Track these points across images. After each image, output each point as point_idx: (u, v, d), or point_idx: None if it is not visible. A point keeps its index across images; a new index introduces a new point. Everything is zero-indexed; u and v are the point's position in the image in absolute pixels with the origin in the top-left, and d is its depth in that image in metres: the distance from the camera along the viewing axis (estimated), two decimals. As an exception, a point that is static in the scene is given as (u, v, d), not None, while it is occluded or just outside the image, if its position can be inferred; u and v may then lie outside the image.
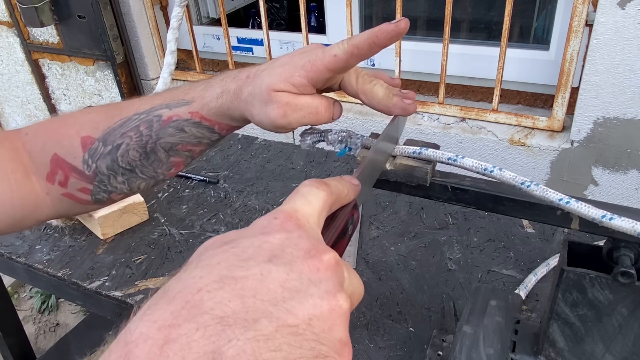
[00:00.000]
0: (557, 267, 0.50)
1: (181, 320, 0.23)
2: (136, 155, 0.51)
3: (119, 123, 0.51)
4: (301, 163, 1.18)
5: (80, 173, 0.51)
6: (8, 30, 1.89)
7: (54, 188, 0.51)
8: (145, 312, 0.24)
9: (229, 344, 0.22)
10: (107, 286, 0.86)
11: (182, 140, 0.52)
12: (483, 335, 0.58)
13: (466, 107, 1.32)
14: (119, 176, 0.52)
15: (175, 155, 0.53)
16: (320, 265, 0.27)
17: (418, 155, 0.51)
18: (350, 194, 0.37)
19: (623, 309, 0.47)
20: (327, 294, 0.26)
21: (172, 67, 1.52)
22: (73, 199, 0.52)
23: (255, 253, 0.27)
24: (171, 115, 0.51)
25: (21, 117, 2.17)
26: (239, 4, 2.04)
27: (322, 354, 0.25)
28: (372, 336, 0.74)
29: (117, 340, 0.23)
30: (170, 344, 0.22)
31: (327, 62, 0.46)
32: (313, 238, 0.29)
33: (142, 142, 0.51)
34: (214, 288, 0.24)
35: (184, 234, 0.97)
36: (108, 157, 0.51)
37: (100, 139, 0.51)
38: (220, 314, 0.23)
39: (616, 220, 0.43)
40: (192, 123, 0.51)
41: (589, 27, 1.09)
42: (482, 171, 0.48)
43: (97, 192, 0.52)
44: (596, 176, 1.21)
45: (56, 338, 1.97)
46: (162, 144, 0.51)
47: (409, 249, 0.89)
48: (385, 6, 1.54)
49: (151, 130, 0.51)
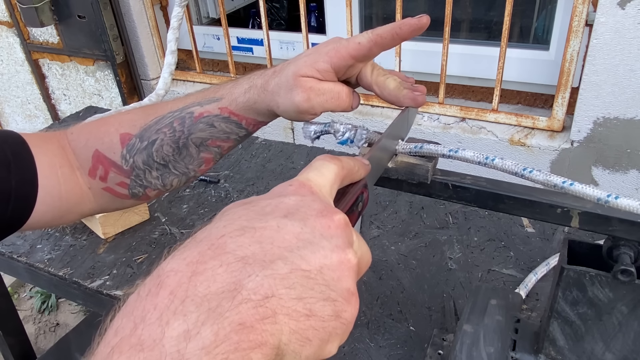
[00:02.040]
0: (557, 265, 0.50)
1: (207, 257, 0.26)
2: (169, 150, 0.54)
3: (154, 120, 0.54)
4: (301, 163, 1.18)
5: (118, 168, 0.54)
6: (8, 30, 1.89)
7: (95, 182, 0.55)
8: (175, 253, 0.27)
9: (248, 278, 0.25)
10: (108, 285, 0.86)
11: (212, 135, 0.54)
12: (483, 334, 0.58)
13: (466, 107, 1.32)
14: (153, 171, 0.55)
15: (205, 151, 0.55)
16: (331, 224, 0.29)
17: (419, 150, 0.51)
18: (361, 172, 0.39)
19: (623, 307, 0.48)
20: (337, 247, 0.29)
21: (172, 67, 1.52)
22: (112, 193, 0.55)
23: (272, 210, 0.30)
24: (202, 112, 0.54)
25: (21, 117, 2.17)
26: (239, 4, 2.05)
27: (331, 297, 0.27)
28: (372, 335, 0.74)
29: (151, 276, 0.26)
30: (197, 276, 0.25)
31: (351, 49, 0.49)
32: (325, 202, 0.32)
33: (175, 137, 0.54)
34: (236, 235, 0.27)
35: (185, 233, 0.97)
36: (144, 152, 0.54)
37: (137, 135, 0.54)
38: (241, 254, 0.26)
39: (622, 199, 0.42)
40: (222, 118, 0.54)
41: (589, 27, 1.09)
42: (484, 161, 0.47)
43: (133, 186, 0.55)
44: (596, 176, 1.21)
45: (56, 338, 1.97)
46: (193, 139, 0.54)
47: (409, 248, 0.90)
48: (385, 6, 1.54)
49: (184, 126, 0.54)
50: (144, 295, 0.25)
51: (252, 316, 0.25)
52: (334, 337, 0.28)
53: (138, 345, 0.23)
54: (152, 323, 0.24)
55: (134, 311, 0.24)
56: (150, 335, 0.23)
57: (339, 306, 0.28)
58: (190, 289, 0.25)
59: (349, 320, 0.28)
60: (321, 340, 0.27)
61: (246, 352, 0.24)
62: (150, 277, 0.26)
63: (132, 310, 0.25)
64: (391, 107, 1.41)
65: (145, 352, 0.23)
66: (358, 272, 0.31)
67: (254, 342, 0.24)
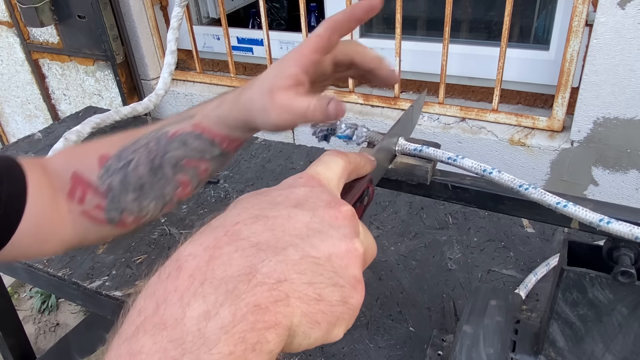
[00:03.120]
0: (557, 266, 0.50)
1: (223, 243, 0.28)
2: (145, 170, 0.53)
3: (132, 141, 0.54)
4: (301, 163, 1.18)
5: (95, 189, 0.53)
6: (8, 30, 1.89)
7: (74, 205, 0.53)
8: (192, 239, 0.29)
9: (262, 263, 0.27)
10: (107, 286, 0.86)
11: (185, 154, 0.53)
12: (483, 335, 0.58)
13: (466, 107, 1.32)
14: (129, 193, 0.54)
15: (181, 172, 0.54)
16: (339, 214, 0.31)
17: (419, 153, 0.51)
18: (367, 167, 0.41)
19: (623, 308, 0.47)
20: (344, 237, 0.30)
21: (172, 67, 1.52)
22: (89, 217, 0.54)
23: (283, 200, 0.31)
24: (176, 130, 0.53)
25: (21, 117, 2.17)
26: (239, 4, 2.04)
27: (339, 284, 0.29)
28: (372, 336, 0.74)
29: (170, 259, 0.28)
30: (215, 260, 0.27)
31: (312, 44, 0.47)
32: (333, 194, 0.33)
33: (150, 157, 0.53)
34: (249, 222, 0.29)
35: (184, 233, 0.97)
36: (120, 173, 0.53)
37: (114, 155, 0.53)
38: (255, 240, 0.28)
39: (614, 224, 0.43)
40: (194, 136, 0.53)
41: (589, 27, 1.09)
42: (481, 172, 0.48)
43: (109, 209, 0.54)
44: (596, 176, 1.21)
45: (56, 338, 1.97)
46: (167, 159, 0.53)
47: (409, 248, 0.89)
48: (385, 6, 1.53)
49: (159, 145, 0.53)
50: (164, 277, 0.27)
51: (267, 298, 0.26)
52: (341, 321, 0.29)
53: (161, 324, 0.24)
54: (173, 304, 0.25)
55: (156, 292, 0.26)
56: (172, 315, 0.25)
57: (346, 292, 0.29)
58: (209, 272, 0.26)
59: (356, 306, 0.30)
60: (329, 323, 0.29)
61: (261, 331, 0.26)
62: (169, 260, 0.28)
63: (153, 291, 0.26)
64: (391, 107, 1.41)
65: (168, 330, 0.24)
66: (364, 262, 0.32)
67: (269, 322, 0.26)
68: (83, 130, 1.25)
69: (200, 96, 1.66)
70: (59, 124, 1.42)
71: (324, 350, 0.72)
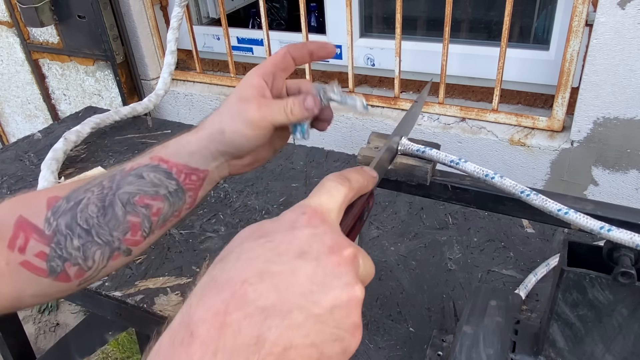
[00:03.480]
0: (557, 267, 0.50)
1: (232, 308, 0.29)
2: (94, 210, 0.50)
3: (86, 182, 0.51)
4: (301, 163, 1.18)
5: (40, 233, 0.49)
6: (8, 30, 1.89)
7: (13, 256, 0.48)
8: (200, 300, 0.30)
9: (269, 330, 0.29)
10: (107, 286, 0.86)
11: (139, 189, 0.50)
12: (483, 336, 0.58)
13: (466, 107, 1.32)
14: (75, 238, 0.49)
15: (132, 212, 0.51)
16: (341, 260, 0.32)
17: (422, 155, 0.51)
18: (369, 186, 0.42)
19: (623, 309, 0.47)
20: (346, 286, 0.32)
21: (172, 67, 1.52)
22: (29, 267, 0.49)
23: (287, 249, 0.32)
24: (133, 165, 0.51)
25: (21, 117, 2.17)
26: (239, 4, 2.04)
27: (339, 337, 0.31)
28: (372, 336, 0.74)
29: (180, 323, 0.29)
30: (225, 328, 0.28)
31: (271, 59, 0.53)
32: (335, 233, 0.34)
33: (102, 194, 0.50)
34: (255, 281, 0.30)
35: (184, 234, 0.97)
36: (69, 214, 0.49)
37: (65, 197, 0.50)
38: (262, 305, 0.29)
39: (614, 232, 0.43)
40: (151, 167, 0.51)
41: (589, 27, 1.09)
42: (483, 177, 0.48)
43: (52, 257, 0.49)
44: (596, 176, 1.21)
45: (56, 338, 1.97)
46: (120, 195, 0.50)
47: (409, 249, 0.89)
48: (385, 6, 1.54)
49: (112, 182, 0.51)
50: (177, 344, 0.28)
51: None
52: None
53: None
54: None
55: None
56: None
57: (346, 342, 0.31)
58: (220, 341, 0.28)
59: (353, 350, 0.32)
60: None
61: None
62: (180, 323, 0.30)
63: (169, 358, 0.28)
64: (391, 107, 1.41)
65: None
66: (364, 284, 0.34)
67: None
68: (83, 130, 1.25)
69: (200, 96, 1.66)
70: (59, 124, 1.42)
71: (324, 350, 0.72)
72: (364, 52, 1.45)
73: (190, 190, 0.52)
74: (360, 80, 1.53)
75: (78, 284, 0.50)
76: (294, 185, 1.10)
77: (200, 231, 0.97)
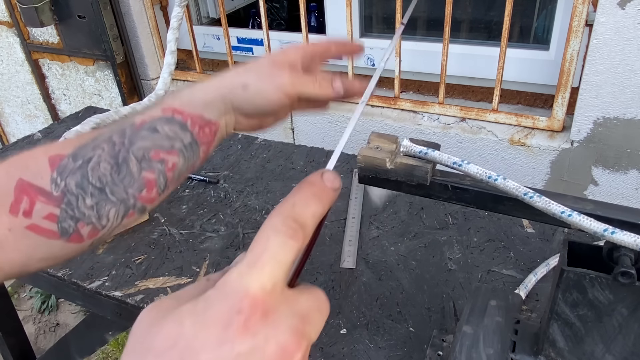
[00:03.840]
0: (557, 267, 0.50)
1: None
2: (107, 167, 0.47)
3: (91, 138, 0.48)
4: (301, 163, 1.17)
5: (47, 195, 0.46)
6: (8, 30, 1.89)
7: (17, 221, 0.45)
8: None
9: None
10: (107, 286, 0.86)
11: (154, 143, 0.48)
12: (483, 335, 0.58)
13: (466, 107, 1.32)
14: (87, 198, 0.47)
15: (148, 168, 0.48)
16: None
17: (424, 156, 0.51)
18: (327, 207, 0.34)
19: (623, 309, 0.47)
20: None
21: (172, 67, 1.52)
22: (38, 231, 0.46)
23: None
24: (144, 119, 0.49)
25: (21, 117, 2.17)
26: (239, 4, 2.05)
27: None
28: (372, 336, 0.74)
29: None
30: None
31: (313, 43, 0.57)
32: (281, 333, 0.27)
33: (115, 151, 0.47)
34: None
35: (184, 234, 0.97)
36: (78, 173, 0.46)
37: (70, 154, 0.47)
38: None
39: (618, 234, 0.43)
40: (165, 120, 0.48)
41: (589, 27, 1.09)
42: (486, 179, 0.48)
43: (63, 218, 0.46)
44: (596, 176, 1.21)
45: (56, 338, 1.97)
46: (134, 151, 0.48)
47: (409, 249, 0.89)
48: (385, 6, 1.54)
49: (124, 137, 0.48)
50: None
51: None
52: None
53: None
54: None
55: None
56: None
57: None
58: None
59: None
60: None
61: None
62: None
63: None
64: (391, 107, 1.41)
65: None
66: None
67: None
68: (83, 130, 1.25)
69: (200, 96, 1.66)
70: (59, 124, 1.42)
71: (324, 350, 0.72)
72: (364, 52, 1.45)
73: (203, 144, 0.51)
74: (360, 80, 1.53)
75: (90, 244, 0.48)
76: (294, 185, 1.09)
77: (200, 231, 0.97)
